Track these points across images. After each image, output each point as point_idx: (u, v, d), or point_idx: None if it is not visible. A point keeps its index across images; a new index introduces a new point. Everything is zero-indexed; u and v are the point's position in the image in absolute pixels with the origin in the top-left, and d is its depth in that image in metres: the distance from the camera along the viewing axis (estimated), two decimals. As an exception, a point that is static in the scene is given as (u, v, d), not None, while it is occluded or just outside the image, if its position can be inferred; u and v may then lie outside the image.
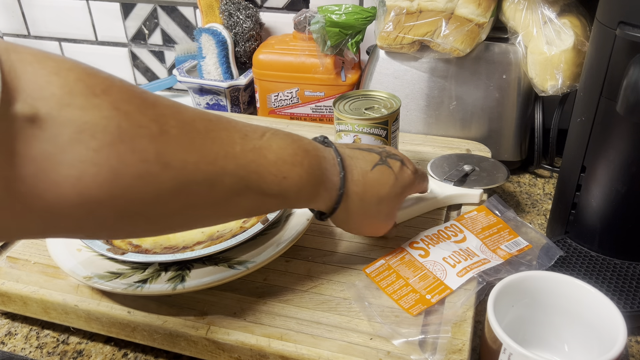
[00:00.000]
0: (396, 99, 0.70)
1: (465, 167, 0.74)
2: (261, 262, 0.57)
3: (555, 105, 0.84)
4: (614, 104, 0.55)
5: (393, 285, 0.57)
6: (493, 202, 0.68)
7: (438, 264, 0.58)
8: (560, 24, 0.77)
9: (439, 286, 0.56)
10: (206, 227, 0.63)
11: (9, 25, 1.27)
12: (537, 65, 0.78)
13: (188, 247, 0.59)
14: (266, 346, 0.51)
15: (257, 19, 1.05)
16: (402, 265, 0.59)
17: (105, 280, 0.55)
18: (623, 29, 0.53)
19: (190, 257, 0.56)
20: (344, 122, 0.67)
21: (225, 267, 0.56)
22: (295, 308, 0.56)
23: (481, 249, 0.61)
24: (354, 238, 0.65)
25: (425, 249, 0.61)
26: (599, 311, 0.50)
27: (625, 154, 0.59)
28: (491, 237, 0.63)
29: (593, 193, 0.64)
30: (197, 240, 0.60)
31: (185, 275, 0.56)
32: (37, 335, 0.60)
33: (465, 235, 0.63)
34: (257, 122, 0.91)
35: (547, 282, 0.52)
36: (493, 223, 0.65)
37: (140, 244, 0.60)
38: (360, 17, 0.89)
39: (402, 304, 0.54)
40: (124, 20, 1.17)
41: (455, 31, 0.78)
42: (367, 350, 0.50)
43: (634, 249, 0.64)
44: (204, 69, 1.03)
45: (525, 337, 0.54)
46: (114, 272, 0.57)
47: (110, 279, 0.56)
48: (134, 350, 0.58)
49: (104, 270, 0.57)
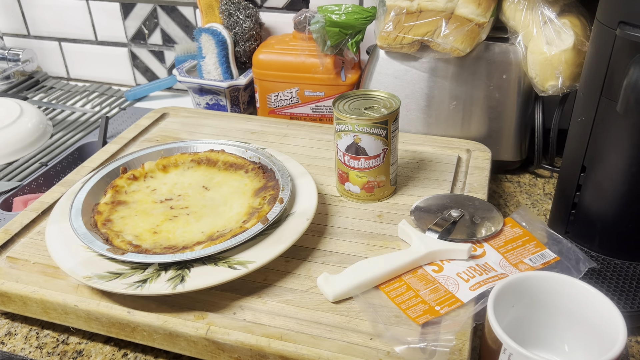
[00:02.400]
0: (396, 99, 0.70)
1: (453, 212, 0.66)
2: (261, 262, 0.57)
3: (555, 105, 0.84)
4: (614, 104, 0.55)
5: (402, 296, 0.56)
6: (521, 213, 0.66)
7: (451, 278, 0.58)
8: (560, 24, 0.77)
9: (450, 299, 0.55)
10: (206, 227, 0.63)
11: (9, 25, 1.27)
12: (537, 65, 0.78)
13: (188, 247, 0.59)
14: (266, 346, 0.51)
15: (257, 18, 1.05)
16: (414, 279, 0.58)
17: (105, 281, 0.55)
18: (623, 29, 0.53)
19: (190, 258, 0.56)
20: (344, 122, 0.67)
21: (225, 267, 0.56)
22: (295, 308, 0.55)
23: (501, 264, 0.60)
24: (354, 238, 0.65)
25: (440, 264, 0.60)
26: (599, 311, 0.49)
27: (625, 154, 0.59)
28: (514, 250, 0.62)
29: (593, 193, 0.64)
30: (197, 240, 0.60)
31: (185, 276, 0.56)
32: (37, 335, 0.60)
33: (485, 249, 0.62)
34: (256, 122, 0.92)
35: (547, 282, 0.52)
36: (518, 235, 0.64)
37: (140, 244, 0.60)
38: (360, 17, 0.89)
39: (410, 314, 0.54)
40: (124, 20, 1.17)
41: (455, 31, 0.78)
42: (367, 350, 0.50)
43: (634, 249, 0.64)
44: (203, 69, 1.03)
45: (525, 337, 0.54)
46: (114, 272, 0.57)
47: (110, 279, 0.56)
48: (134, 350, 0.58)
49: (104, 270, 0.57)
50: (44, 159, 0.95)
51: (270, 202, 0.64)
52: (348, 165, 0.70)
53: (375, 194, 0.72)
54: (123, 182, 0.71)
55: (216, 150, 0.76)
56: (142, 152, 0.76)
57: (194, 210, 0.66)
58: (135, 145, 0.87)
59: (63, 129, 1.04)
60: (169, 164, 0.75)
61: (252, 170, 0.72)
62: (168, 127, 0.92)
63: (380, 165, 0.69)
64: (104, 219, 0.65)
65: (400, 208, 0.71)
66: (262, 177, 0.70)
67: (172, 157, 0.75)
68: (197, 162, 0.75)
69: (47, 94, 1.20)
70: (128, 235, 0.62)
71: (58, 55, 1.27)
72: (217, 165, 0.74)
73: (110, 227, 0.63)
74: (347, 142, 0.68)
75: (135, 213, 0.66)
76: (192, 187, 0.71)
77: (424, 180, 0.76)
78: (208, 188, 0.70)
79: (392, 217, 0.69)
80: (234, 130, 0.90)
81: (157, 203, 0.68)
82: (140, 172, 0.73)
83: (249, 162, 0.73)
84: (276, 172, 0.70)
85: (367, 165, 0.69)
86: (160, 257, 0.56)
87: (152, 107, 1.02)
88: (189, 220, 0.64)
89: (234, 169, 0.73)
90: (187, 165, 0.75)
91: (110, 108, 1.13)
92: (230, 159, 0.74)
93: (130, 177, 0.72)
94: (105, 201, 0.68)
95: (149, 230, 0.63)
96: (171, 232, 0.63)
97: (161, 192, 0.70)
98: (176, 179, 0.73)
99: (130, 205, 0.68)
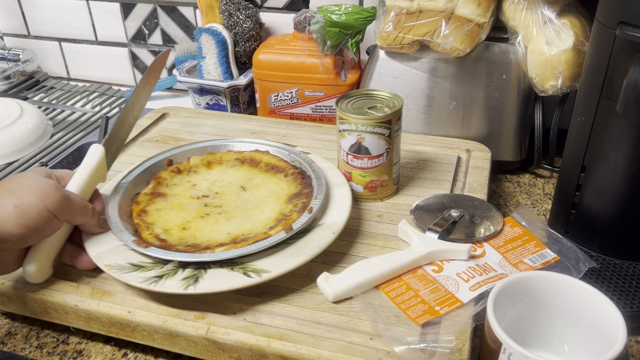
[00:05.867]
0: (399, 99, 0.70)
1: (453, 212, 0.66)
2: (276, 273, 0.56)
3: (555, 105, 0.84)
4: (614, 104, 0.56)
5: (402, 296, 0.56)
6: (521, 212, 0.66)
7: (451, 278, 0.58)
8: (560, 24, 0.77)
9: (450, 299, 0.56)
10: (233, 229, 0.63)
11: (9, 25, 1.27)
12: (537, 65, 0.78)
13: (210, 247, 0.59)
14: (266, 346, 0.51)
15: (257, 19, 1.05)
16: (414, 279, 0.58)
17: (124, 272, 0.56)
18: (623, 29, 0.53)
19: (208, 260, 0.56)
20: (348, 122, 0.67)
21: (240, 273, 0.56)
22: (295, 308, 0.55)
23: (501, 264, 0.60)
24: (354, 238, 0.65)
25: (440, 264, 0.60)
26: (599, 311, 0.49)
27: (625, 154, 0.59)
28: (514, 250, 0.62)
29: (593, 193, 0.64)
30: (220, 242, 0.60)
31: (199, 277, 0.56)
32: (37, 335, 0.60)
33: (485, 249, 0.62)
34: (256, 122, 0.92)
35: (547, 282, 0.52)
36: (518, 235, 0.64)
37: (167, 239, 0.61)
38: (360, 17, 0.89)
39: (410, 314, 0.54)
40: (124, 20, 1.17)
41: (455, 31, 0.78)
42: (367, 350, 0.50)
43: (633, 249, 0.64)
44: (204, 69, 1.03)
45: (525, 337, 0.54)
46: (135, 265, 0.57)
47: (130, 270, 0.56)
48: (134, 350, 0.58)
49: (127, 261, 0.58)
50: (44, 159, 0.95)
51: (300, 211, 0.63)
52: (351, 165, 0.70)
53: (379, 194, 0.72)
54: (167, 175, 0.72)
55: (261, 151, 0.76)
56: (189, 147, 0.76)
57: (226, 210, 0.66)
58: (135, 146, 0.87)
59: (63, 129, 1.05)
60: (213, 161, 0.75)
61: (291, 174, 0.71)
62: (168, 127, 0.92)
63: (383, 165, 0.69)
64: (140, 209, 0.66)
65: (400, 208, 0.71)
66: (299, 182, 0.69)
67: (218, 154, 0.76)
68: (241, 161, 0.75)
69: (47, 94, 1.20)
70: (157, 229, 0.63)
71: (58, 55, 1.27)
72: (260, 166, 0.74)
73: (143, 218, 0.64)
74: (350, 142, 0.68)
75: (171, 207, 0.67)
76: (231, 186, 0.71)
77: (424, 180, 0.76)
78: (245, 188, 0.70)
79: (392, 217, 0.69)
80: (234, 130, 0.90)
81: (194, 199, 0.68)
82: (185, 166, 0.74)
83: (290, 165, 0.73)
84: (313, 179, 0.68)
85: (371, 165, 0.69)
86: (179, 255, 0.57)
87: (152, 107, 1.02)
88: (219, 220, 0.65)
89: (274, 172, 0.72)
90: (230, 163, 0.75)
91: (110, 108, 1.13)
92: (273, 161, 0.74)
93: (174, 170, 0.73)
94: (146, 192, 0.69)
95: (179, 225, 0.64)
96: (199, 230, 0.63)
97: (200, 188, 0.71)
98: (218, 176, 0.73)
99: (168, 198, 0.68)
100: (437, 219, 0.65)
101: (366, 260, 0.59)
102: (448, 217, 0.66)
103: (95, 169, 0.61)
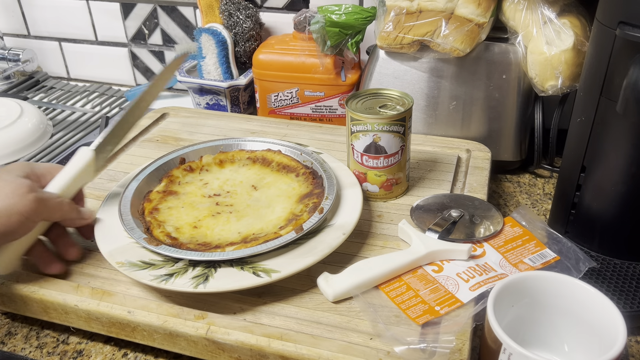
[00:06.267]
0: (408, 97, 0.70)
1: (453, 212, 0.66)
2: (286, 273, 0.56)
3: (555, 105, 0.84)
4: (614, 104, 0.56)
5: (402, 295, 0.56)
6: (521, 212, 0.66)
7: (451, 278, 0.58)
8: (560, 24, 0.77)
9: (450, 299, 0.56)
10: (244, 228, 0.63)
11: (9, 25, 1.27)
12: (537, 65, 0.78)
13: (220, 246, 0.59)
14: (266, 346, 0.51)
15: (257, 19, 1.05)
16: (414, 279, 0.58)
17: (135, 270, 0.56)
18: (623, 29, 0.53)
19: (218, 259, 0.56)
20: (363, 123, 0.67)
21: (250, 272, 0.56)
22: (295, 308, 0.56)
23: (501, 264, 0.60)
24: (354, 238, 0.65)
25: (440, 264, 0.60)
26: (599, 311, 0.49)
27: (625, 154, 0.59)
28: (514, 250, 0.62)
29: (593, 193, 0.64)
30: (231, 241, 0.61)
31: (209, 275, 0.56)
32: (37, 335, 0.60)
33: (485, 249, 0.62)
34: (256, 122, 0.92)
35: (547, 282, 0.52)
36: (518, 235, 0.64)
37: (178, 237, 0.61)
38: (360, 17, 0.89)
39: (410, 314, 0.54)
40: (124, 20, 1.17)
41: (455, 31, 0.78)
42: (367, 350, 0.50)
43: (633, 249, 0.64)
44: (204, 69, 1.03)
45: (525, 337, 0.54)
46: (146, 262, 0.57)
47: (141, 268, 0.57)
48: (134, 350, 0.58)
49: (138, 259, 0.58)
50: (44, 159, 0.95)
51: (311, 211, 0.63)
52: (366, 166, 0.70)
53: (394, 192, 0.72)
54: (179, 173, 0.72)
55: (273, 150, 0.76)
56: (202, 145, 0.77)
57: (237, 209, 0.67)
58: (134, 146, 0.87)
59: (63, 129, 1.05)
60: (226, 159, 0.75)
61: (302, 174, 0.71)
62: (168, 127, 0.92)
63: (398, 162, 0.70)
64: (152, 207, 0.66)
65: (400, 208, 0.71)
66: (310, 182, 0.69)
67: (230, 153, 0.76)
68: (253, 160, 0.75)
69: (47, 94, 1.20)
70: (169, 227, 0.63)
71: (58, 55, 1.27)
72: (271, 165, 0.74)
73: (155, 216, 0.65)
74: (366, 142, 0.68)
75: (182, 205, 0.67)
76: (242, 185, 0.71)
77: (424, 180, 0.76)
78: (257, 188, 0.70)
79: (392, 217, 0.69)
80: (234, 130, 0.90)
81: (205, 197, 0.69)
82: (197, 165, 0.74)
83: (301, 165, 0.73)
84: (324, 179, 0.68)
85: (387, 164, 0.69)
86: (189, 254, 0.57)
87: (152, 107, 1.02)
88: (230, 219, 0.65)
89: (286, 171, 0.72)
90: (242, 162, 0.75)
91: (110, 108, 1.13)
92: (285, 161, 0.74)
93: (187, 168, 0.73)
94: (158, 189, 0.69)
95: (190, 224, 0.64)
96: (210, 228, 0.63)
97: (212, 186, 0.71)
98: (230, 174, 0.73)
99: (180, 196, 0.69)
100: (437, 219, 0.65)
101: (366, 260, 0.59)
102: (448, 217, 0.66)
103: (80, 171, 0.61)
